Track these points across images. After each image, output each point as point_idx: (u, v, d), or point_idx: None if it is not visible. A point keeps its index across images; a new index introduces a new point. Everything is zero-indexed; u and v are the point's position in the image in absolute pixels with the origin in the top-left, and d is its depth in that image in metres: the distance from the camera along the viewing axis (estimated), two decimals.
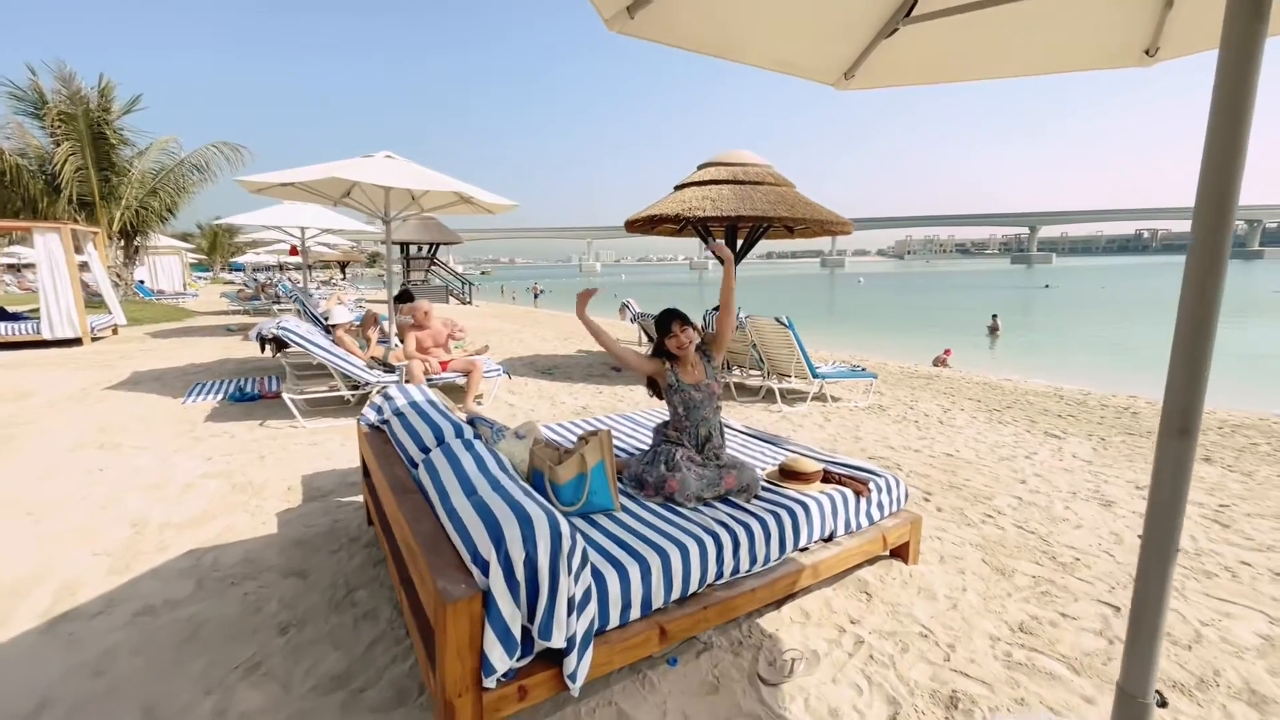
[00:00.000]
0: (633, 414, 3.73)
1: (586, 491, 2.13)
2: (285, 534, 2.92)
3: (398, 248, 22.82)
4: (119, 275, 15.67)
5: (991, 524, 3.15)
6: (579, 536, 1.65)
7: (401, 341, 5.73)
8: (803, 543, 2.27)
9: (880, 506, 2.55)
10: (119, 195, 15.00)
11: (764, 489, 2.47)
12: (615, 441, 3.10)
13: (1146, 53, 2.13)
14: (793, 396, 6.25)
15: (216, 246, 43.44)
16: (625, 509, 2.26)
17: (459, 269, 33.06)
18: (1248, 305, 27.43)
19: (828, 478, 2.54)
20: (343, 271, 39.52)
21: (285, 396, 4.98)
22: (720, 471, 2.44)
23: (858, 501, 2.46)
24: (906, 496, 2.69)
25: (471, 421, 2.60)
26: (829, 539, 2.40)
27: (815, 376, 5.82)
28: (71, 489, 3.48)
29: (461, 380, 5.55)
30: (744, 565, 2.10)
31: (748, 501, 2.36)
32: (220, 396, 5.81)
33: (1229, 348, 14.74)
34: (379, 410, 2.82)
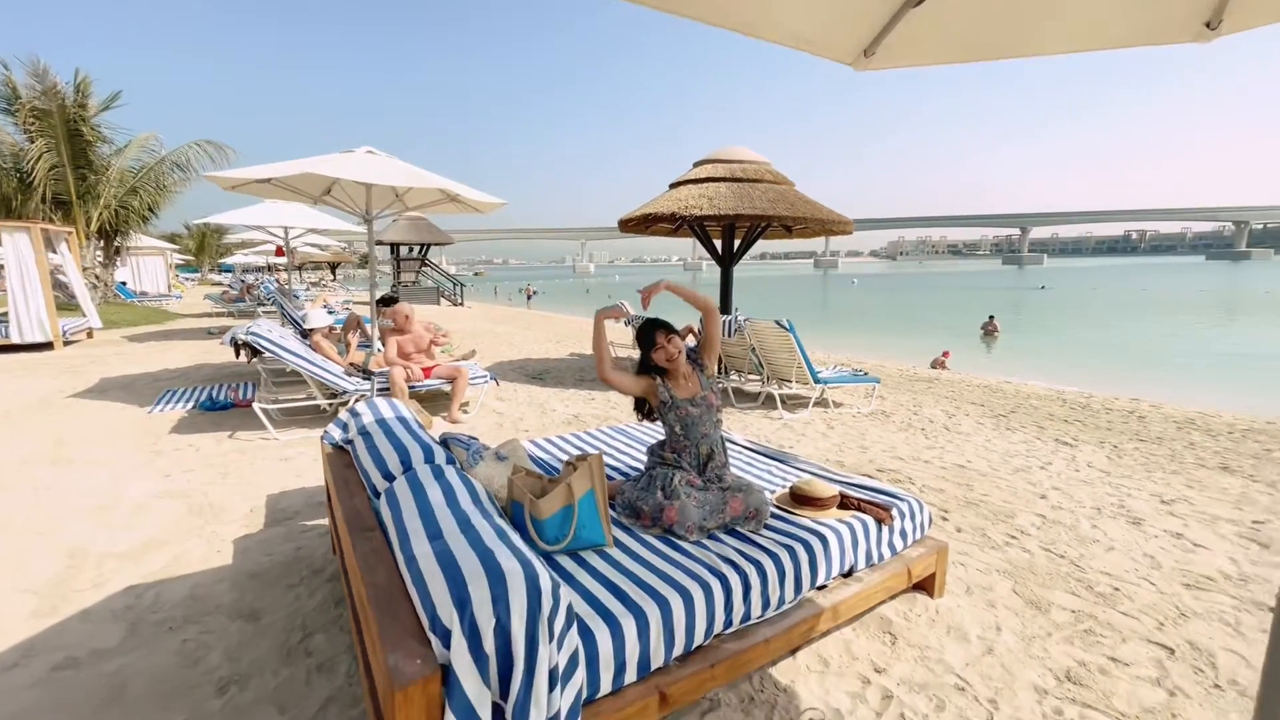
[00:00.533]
0: (626, 426, 3.46)
1: (574, 526, 1.86)
2: (240, 565, 2.63)
3: (387, 248, 22.40)
4: (97, 276, 15.19)
5: (1017, 546, 2.90)
6: (563, 589, 1.38)
7: (383, 346, 5.43)
8: (820, 580, 2.01)
9: (903, 534, 2.29)
10: (97, 194, 14.51)
11: (775, 517, 2.20)
12: (607, 460, 2.82)
13: (1207, 25, 1.87)
14: (793, 402, 5.99)
15: (204, 247, 42.72)
16: (619, 544, 1.98)
17: (452, 270, 32.70)
18: (1242, 305, 27.51)
19: (845, 503, 2.28)
20: (333, 272, 39.03)
21: (256, 406, 4.67)
22: (724, 495, 2.17)
23: (879, 530, 2.20)
24: (930, 521, 2.43)
25: (444, 442, 2.32)
26: (848, 574, 2.14)
27: (817, 381, 5.56)
28: (10, 511, 3.17)
29: (447, 388, 5.25)
30: (755, 611, 1.82)
31: (757, 531, 2.10)
32: (190, 405, 5.49)
33: (1224, 348, 14.65)
34: (344, 428, 2.53)
